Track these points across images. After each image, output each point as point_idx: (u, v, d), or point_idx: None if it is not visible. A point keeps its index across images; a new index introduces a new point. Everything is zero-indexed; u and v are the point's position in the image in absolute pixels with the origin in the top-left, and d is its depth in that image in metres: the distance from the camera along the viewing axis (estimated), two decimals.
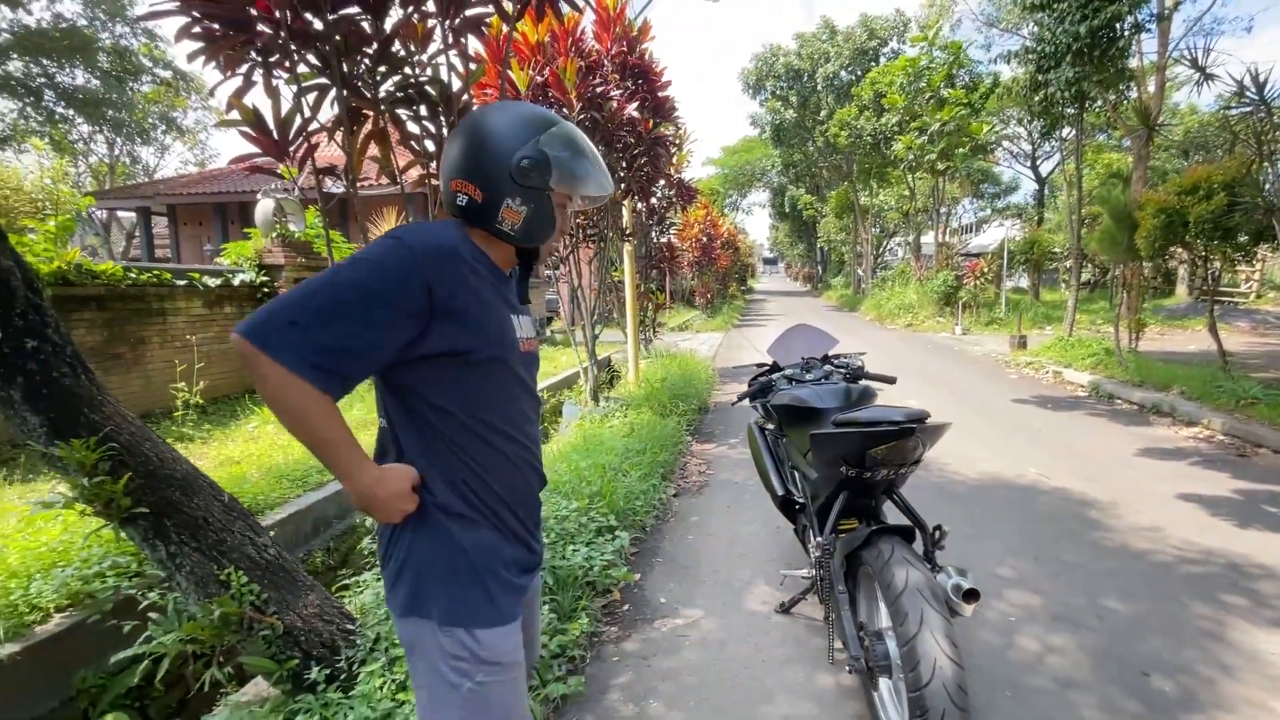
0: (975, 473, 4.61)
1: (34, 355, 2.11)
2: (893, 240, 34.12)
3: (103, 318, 5.04)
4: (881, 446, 1.79)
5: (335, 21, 2.47)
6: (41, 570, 2.49)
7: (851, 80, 23.62)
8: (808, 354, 2.89)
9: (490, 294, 1.13)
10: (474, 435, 1.12)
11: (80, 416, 2.16)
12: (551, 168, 1.13)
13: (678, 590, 2.95)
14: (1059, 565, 3.15)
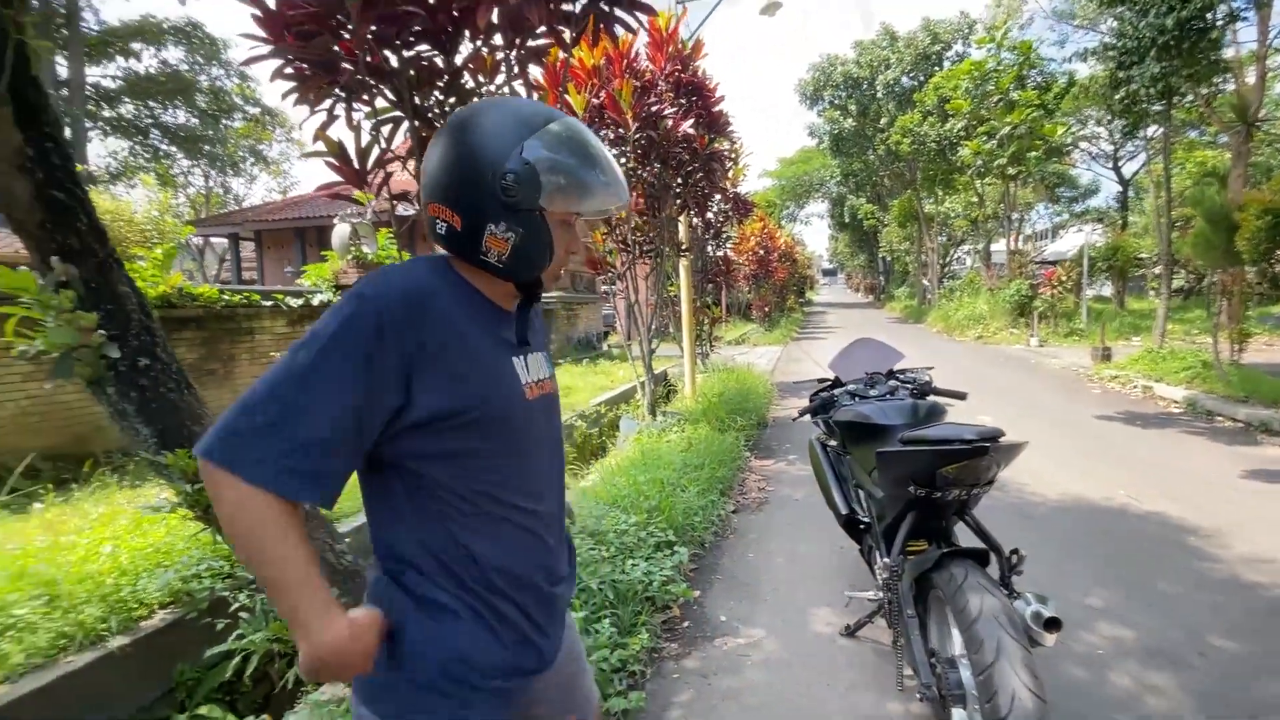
0: (1056, 494, 4.34)
1: (146, 372, 2.31)
2: (960, 249, 32.81)
3: (200, 336, 5.47)
4: (952, 466, 1.72)
5: (409, 58, 2.63)
6: (147, 569, 2.71)
7: (913, 86, 23.01)
8: (871, 369, 2.81)
9: (480, 338, 0.93)
10: (467, 507, 0.92)
11: (184, 429, 2.34)
12: (542, 182, 0.90)
13: (738, 608, 2.90)
14: (1155, 596, 2.92)
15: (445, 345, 0.88)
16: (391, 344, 0.84)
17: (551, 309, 12.75)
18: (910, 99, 22.24)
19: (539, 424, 1.02)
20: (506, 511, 0.95)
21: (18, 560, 2.59)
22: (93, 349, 2.18)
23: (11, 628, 2.29)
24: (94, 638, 2.39)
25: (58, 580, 2.50)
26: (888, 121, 23.63)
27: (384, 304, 0.84)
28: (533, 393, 1.00)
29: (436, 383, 0.87)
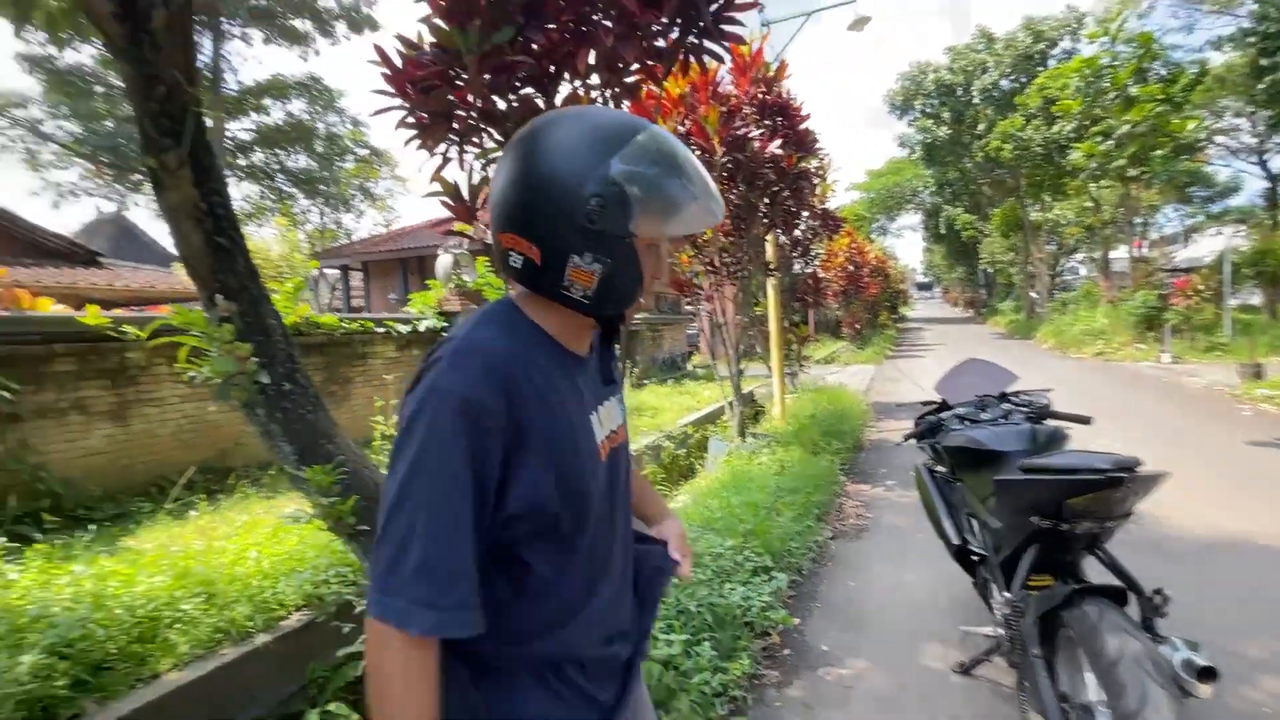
0: (1202, 528, 3.89)
1: (288, 396, 2.57)
2: (1073, 258, 30.31)
3: (322, 361, 6.02)
4: (1082, 497, 1.60)
5: (516, 102, 2.83)
6: (284, 574, 2.99)
7: (1014, 89, 21.75)
8: (982, 391, 2.67)
9: (562, 397, 0.84)
10: (534, 582, 0.86)
11: (319, 446, 2.59)
12: (632, 204, 0.79)
13: (841, 638, 2.80)
14: None
15: (531, 417, 0.80)
16: (491, 434, 0.76)
17: (636, 330, 12.95)
18: (1010, 102, 21.01)
19: (611, 485, 0.93)
20: (573, 586, 0.88)
21: (181, 561, 2.93)
22: (247, 375, 2.46)
23: (179, 621, 2.59)
24: (243, 634, 2.66)
25: (214, 580, 2.80)
26: (986, 127, 22.42)
27: (471, 393, 0.76)
28: (605, 451, 0.91)
29: (532, 466, 0.80)
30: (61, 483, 3.96)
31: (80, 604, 2.45)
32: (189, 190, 2.43)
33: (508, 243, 0.83)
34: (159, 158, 2.38)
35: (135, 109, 2.36)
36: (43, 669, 2.11)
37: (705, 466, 5.75)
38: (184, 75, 2.41)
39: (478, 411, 0.75)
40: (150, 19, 2.33)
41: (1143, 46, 14.74)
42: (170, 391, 4.70)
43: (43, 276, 9.52)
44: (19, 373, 3.85)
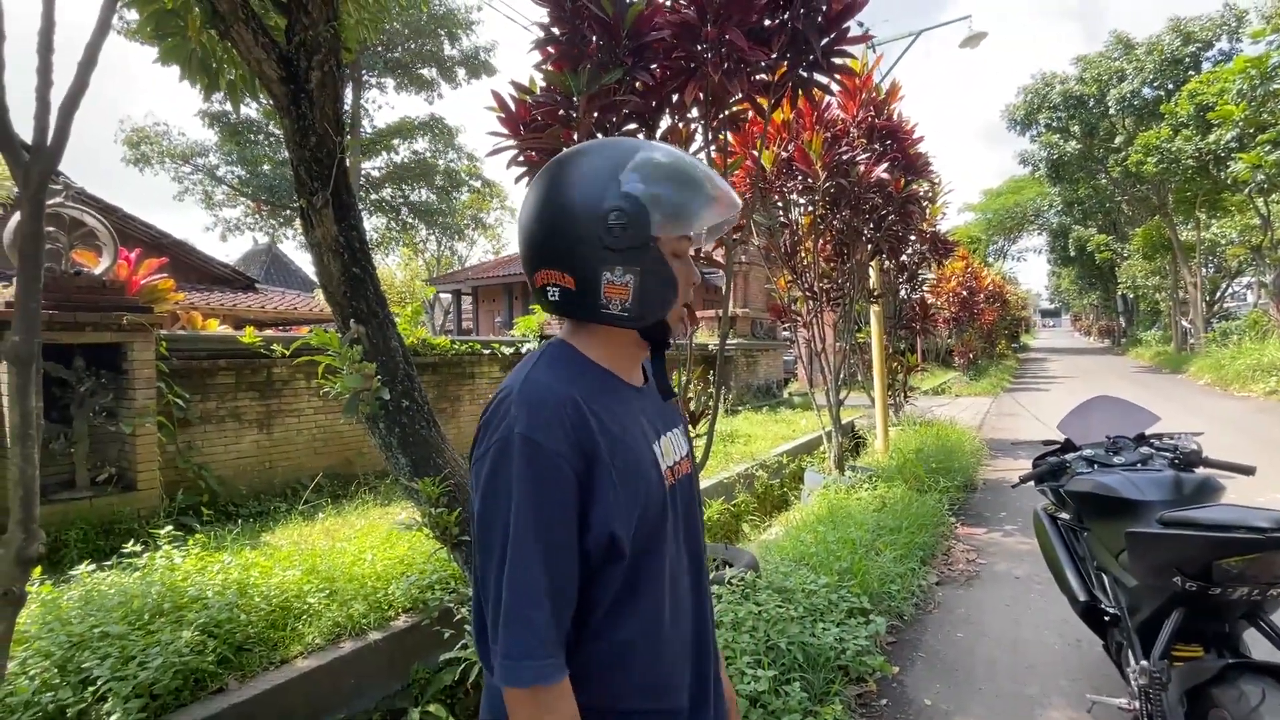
0: None
1: (406, 412, 2.79)
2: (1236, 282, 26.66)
3: (435, 380, 6.47)
4: (1237, 559, 1.41)
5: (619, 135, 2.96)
6: (394, 577, 3.21)
7: (1158, 97, 19.69)
8: (1115, 432, 2.42)
9: (624, 427, 0.86)
10: (595, 620, 0.84)
11: (430, 460, 2.78)
12: (649, 211, 0.83)
13: (946, 694, 2.60)
14: None
15: (603, 454, 0.81)
16: (568, 474, 0.78)
17: (731, 356, 12.83)
18: (1154, 112, 19.04)
19: (678, 514, 0.91)
20: (626, 624, 0.84)
21: (309, 558, 3.23)
22: (372, 392, 2.71)
23: (306, 613, 2.85)
24: (358, 630, 2.89)
25: (335, 578, 3.07)
26: (1124, 140, 20.42)
27: (543, 438, 0.77)
28: (671, 478, 0.91)
29: (607, 499, 0.81)
30: (218, 481, 4.51)
31: (228, 590, 2.77)
32: (331, 227, 2.74)
33: (542, 279, 0.87)
34: (309, 199, 2.71)
35: (291, 156, 2.71)
36: (197, 644, 2.41)
37: (800, 498, 5.57)
38: (332, 126, 2.73)
39: (553, 455, 0.77)
40: (309, 80, 2.67)
41: None
42: (306, 404, 5.24)
43: (210, 299, 10.98)
44: (190, 384, 4.46)
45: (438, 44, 24.39)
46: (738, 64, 2.67)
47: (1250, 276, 23.85)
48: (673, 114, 3.11)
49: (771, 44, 2.70)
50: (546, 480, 0.77)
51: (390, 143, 27.64)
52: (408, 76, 25.48)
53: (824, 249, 5.54)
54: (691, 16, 2.61)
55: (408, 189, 28.93)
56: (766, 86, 2.91)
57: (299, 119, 2.66)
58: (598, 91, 2.70)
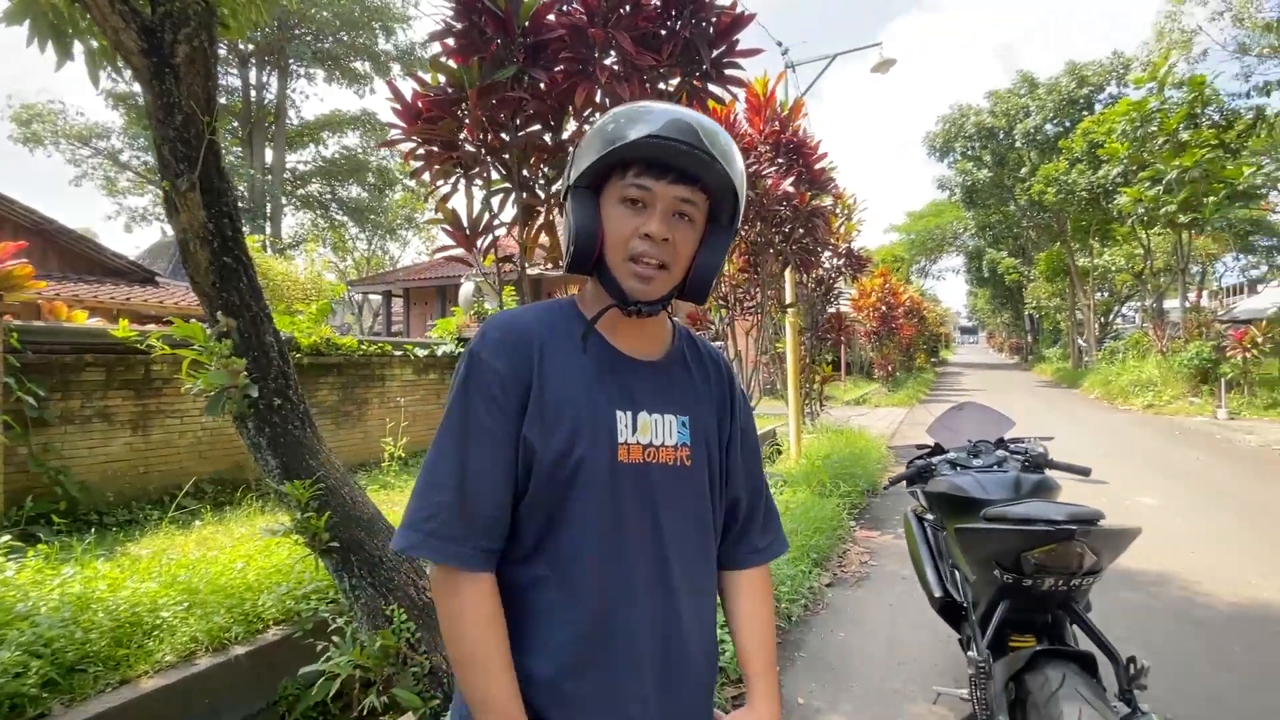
0: (1238, 598, 3.60)
1: (278, 411, 2.64)
2: (1125, 305, 29.20)
3: (340, 381, 6.20)
4: (1038, 550, 1.50)
5: (520, 137, 2.93)
6: (268, 587, 3.02)
7: (1058, 132, 21.38)
8: (978, 436, 2.56)
9: (579, 375, 0.86)
10: (529, 593, 0.85)
11: (303, 462, 2.63)
12: (577, 154, 0.87)
13: (821, 694, 2.66)
14: None
15: (542, 380, 0.84)
16: (503, 393, 0.82)
17: None
18: (1054, 146, 20.65)
19: (641, 496, 0.86)
20: (566, 613, 0.83)
21: (171, 569, 3.00)
22: (239, 389, 2.54)
23: (159, 627, 2.64)
24: (219, 645, 2.69)
25: (198, 589, 2.85)
26: (1028, 171, 22.04)
27: (486, 348, 0.84)
28: (632, 453, 0.85)
29: (536, 429, 0.82)
30: (79, 487, 4.13)
31: (64, 605, 2.52)
32: (198, 213, 2.56)
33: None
34: (173, 181, 2.53)
35: (154, 135, 2.52)
36: (16, 665, 2.17)
37: None
38: (201, 105, 2.57)
39: (490, 373, 0.83)
40: (174, 55, 2.50)
41: (1194, 91, 14.35)
42: (191, 404, 4.89)
43: (100, 293, 10.13)
44: (49, 380, 4.07)
45: (371, 37, 23.64)
46: (629, 69, 2.70)
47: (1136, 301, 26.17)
48: (577, 118, 3.11)
49: (663, 51, 2.74)
50: (477, 385, 0.83)
51: (319, 136, 26.49)
52: (339, 69, 24.55)
53: (737, 260, 5.67)
54: (581, 19, 2.62)
55: (337, 185, 27.79)
56: (661, 95, 2.95)
57: (163, 95, 2.48)
58: (492, 88, 2.66)
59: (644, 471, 0.86)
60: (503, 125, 3.00)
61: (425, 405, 7.15)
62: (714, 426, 0.95)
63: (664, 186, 0.82)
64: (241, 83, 23.41)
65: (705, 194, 0.86)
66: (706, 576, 0.94)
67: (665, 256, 0.83)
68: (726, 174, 0.83)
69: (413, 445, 6.23)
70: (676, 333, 0.99)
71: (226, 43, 5.29)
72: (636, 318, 0.87)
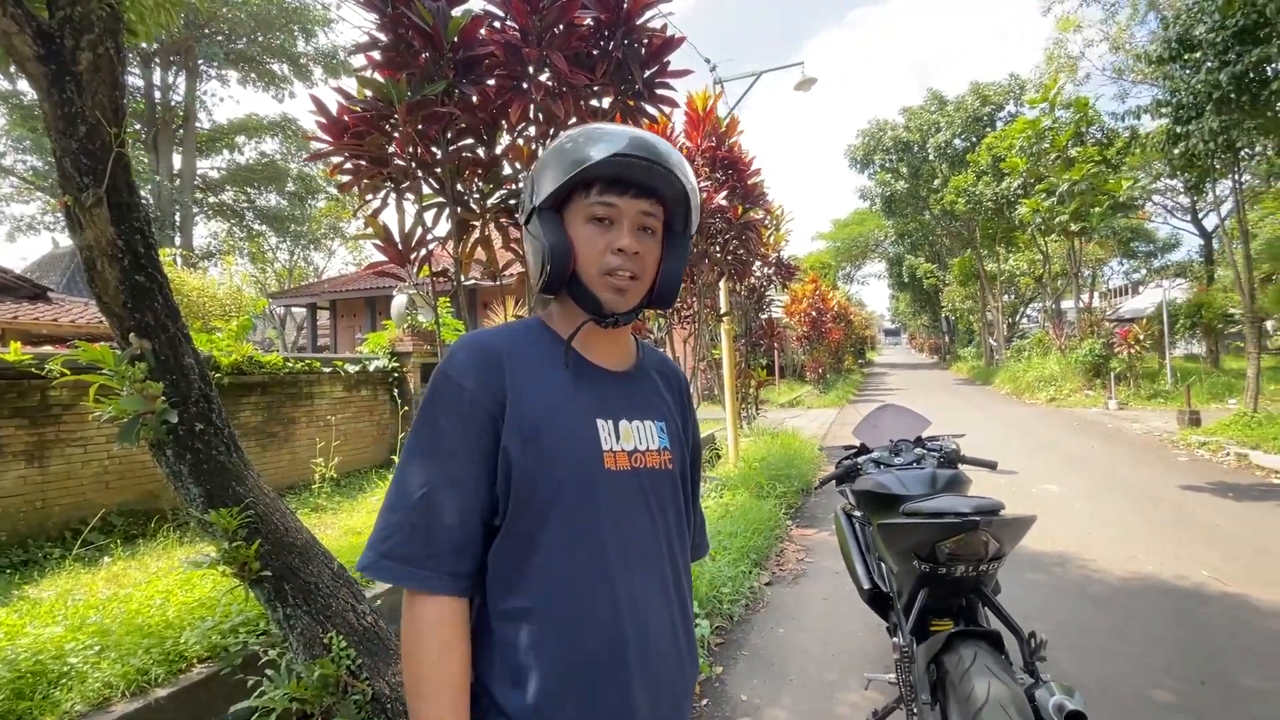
0: (1126, 572, 3.98)
1: (201, 436, 2.51)
2: (1029, 307, 31.54)
3: (265, 401, 5.89)
4: (949, 540, 1.65)
5: (452, 152, 2.92)
6: (191, 623, 2.85)
7: (966, 147, 22.95)
8: (898, 436, 2.74)
9: (555, 387, 0.87)
10: (519, 603, 0.84)
11: (229, 488, 2.52)
12: (532, 184, 0.91)
13: (762, 688, 2.77)
14: (1236, 692, 2.60)
15: (519, 405, 0.83)
16: (476, 413, 0.82)
17: None
18: (963, 160, 22.14)
19: (629, 504, 0.87)
20: (543, 612, 0.82)
21: (78, 611, 2.79)
22: (156, 415, 2.41)
23: (66, 675, 2.45)
24: (138, 688, 2.52)
25: (111, 630, 2.66)
26: (941, 182, 23.52)
27: (454, 363, 0.84)
28: (614, 463, 0.87)
29: (514, 445, 0.82)
30: None
31: None
32: (105, 228, 2.42)
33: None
34: (76, 196, 2.38)
35: (55, 147, 2.37)
36: None
37: None
38: (108, 116, 2.43)
39: (457, 390, 0.83)
40: (76, 62, 2.36)
41: (1079, 111, 15.78)
42: (96, 431, 4.55)
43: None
44: None
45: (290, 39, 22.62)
46: (563, 87, 2.75)
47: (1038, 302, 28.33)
48: (511, 132, 3.12)
49: (596, 70, 2.81)
50: (444, 404, 0.83)
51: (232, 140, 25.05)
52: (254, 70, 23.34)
53: None
54: (515, 36, 2.65)
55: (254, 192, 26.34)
56: (595, 113, 3.02)
57: (63, 105, 2.34)
58: (422, 103, 2.65)
59: (635, 477, 0.88)
60: (434, 140, 2.98)
61: (358, 423, 6.89)
62: (680, 431, 1.00)
63: (628, 201, 0.87)
64: (145, 84, 21.87)
65: (662, 205, 0.91)
66: (688, 575, 0.99)
67: (636, 268, 0.88)
68: (683, 185, 0.89)
69: (345, 465, 6.00)
70: (639, 344, 1.03)
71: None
72: (611, 329, 0.91)
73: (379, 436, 7.15)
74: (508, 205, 3.10)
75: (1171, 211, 25.29)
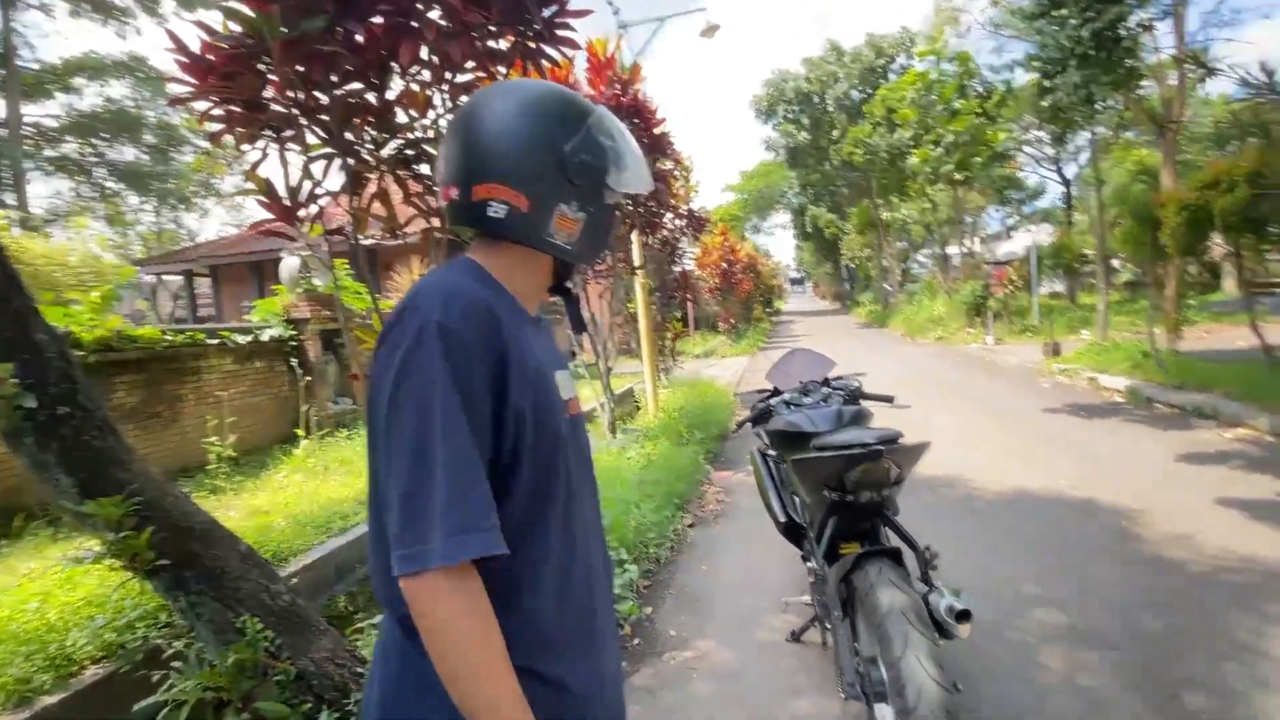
0: (1002, 488, 4.48)
1: (67, 421, 2.25)
2: (919, 253, 33.78)
3: (142, 379, 5.34)
4: (856, 469, 1.79)
5: (339, 96, 2.67)
6: (78, 623, 2.62)
7: (863, 99, 23.80)
8: (807, 378, 2.89)
9: (531, 344, 0.87)
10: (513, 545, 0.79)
11: (109, 475, 2.29)
12: (609, 162, 0.91)
13: (689, 622, 2.93)
14: (1086, 580, 3.03)
15: (513, 357, 0.81)
16: (478, 364, 0.78)
17: None
18: (860, 111, 22.96)
19: (581, 455, 0.94)
20: (549, 559, 0.84)
21: None
22: (7, 400, 2.13)
23: None
24: (20, 699, 2.31)
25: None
26: (840, 133, 24.34)
27: (456, 326, 0.77)
28: (573, 409, 0.92)
29: (515, 398, 0.80)
30: None
31: None
32: None
33: (487, 192, 0.86)
34: None
35: None
36: None
37: None
38: None
39: (463, 343, 0.77)
40: None
41: (962, 65, 16.70)
42: None
43: None
44: None
45: None
46: (458, 26, 2.57)
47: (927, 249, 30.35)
48: (403, 76, 2.90)
49: (491, 8, 2.64)
50: (467, 363, 0.77)
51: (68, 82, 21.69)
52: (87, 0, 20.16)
53: None
54: None
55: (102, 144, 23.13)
56: (494, 55, 2.85)
57: None
58: (297, 40, 2.39)
59: (575, 426, 0.93)
60: (318, 84, 2.71)
61: (254, 397, 6.40)
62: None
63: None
64: None
65: None
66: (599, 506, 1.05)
67: None
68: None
69: (244, 443, 5.59)
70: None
71: None
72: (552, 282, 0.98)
73: (279, 410, 6.69)
74: (404, 156, 2.90)
75: (1039, 162, 27.60)
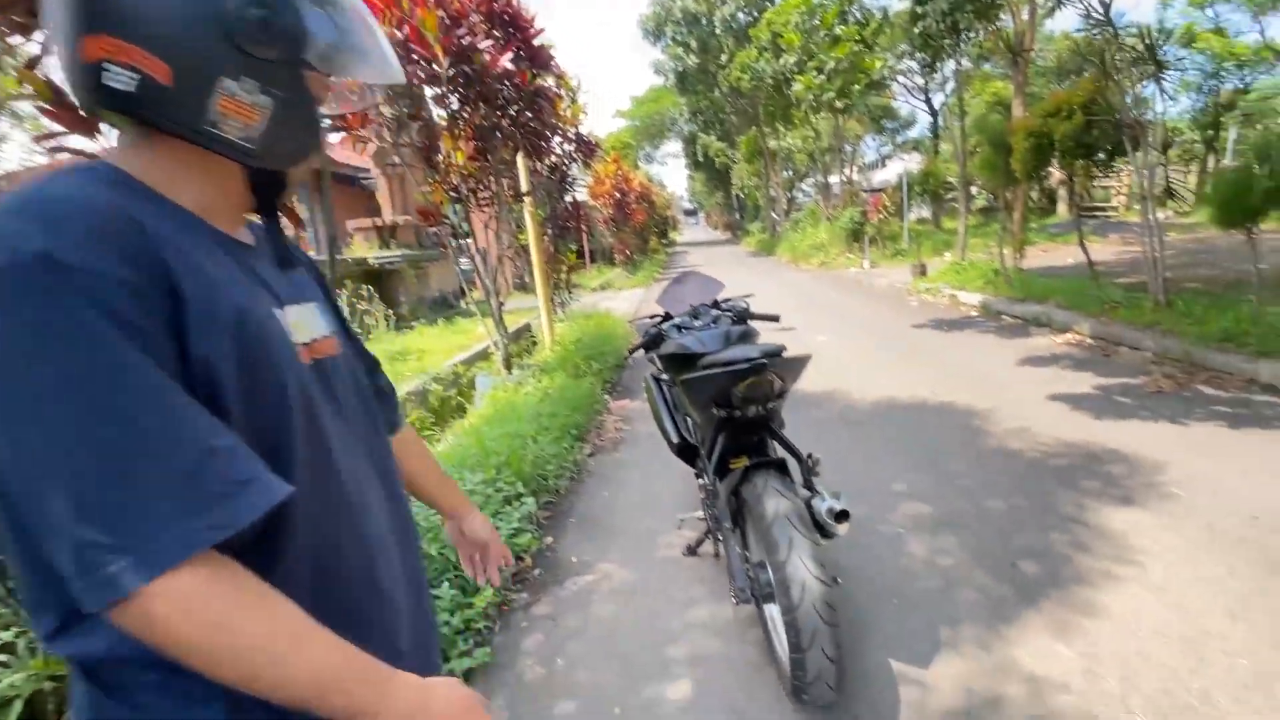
0: (875, 398, 4.86)
1: None
2: (804, 182, 34.92)
3: None
4: (742, 384, 1.82)
5: None
6: None
7: (750, 22, 23.50)
8: (697, 301, 2.90)
9: (220, 269, 0.62)
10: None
11: None
12: (308, 29, 0.65)
13: (590, 548, 2.97)
14: (945, 474, 3.38)
15: (186, 287, 0.56)
16: (141, 285, 0.54)
17: (395, 269, 11.91)
18: (747, 35, 22.72)
19: (338, 404, 0.73)
20: (294, 543, 0.63)
21: None
22: None
23: None
24: None
25: None
26: (728, 58, 24.07)
27: (68, 242, 0.51)
28: (309, 354, 0.70)
29: (204, 332, 0.57)
30: None
31: None
32: None
33: (104, 50, 0.56)
34: None
35: None
36: None
37: (474, 405, 5.59)
38: None
39: (101, 277, 0.51)
40: None
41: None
42: None
43: None
44: None
45: None
46: None
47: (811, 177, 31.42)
48: None
49: None
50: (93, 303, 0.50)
51: None
52: None
53: (467, 146, 5.27)
54: None
55: None
56: None
57: None
58: None
59: (329, 373, 0.73)
60: None
61: None
62: (329, 305, 0.84)
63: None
64: None
65: None
66: (392, 457, 0.85)
67: None
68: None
69: None
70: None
71: None
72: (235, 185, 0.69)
73: None
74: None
75: (910, 92, 28.96)
